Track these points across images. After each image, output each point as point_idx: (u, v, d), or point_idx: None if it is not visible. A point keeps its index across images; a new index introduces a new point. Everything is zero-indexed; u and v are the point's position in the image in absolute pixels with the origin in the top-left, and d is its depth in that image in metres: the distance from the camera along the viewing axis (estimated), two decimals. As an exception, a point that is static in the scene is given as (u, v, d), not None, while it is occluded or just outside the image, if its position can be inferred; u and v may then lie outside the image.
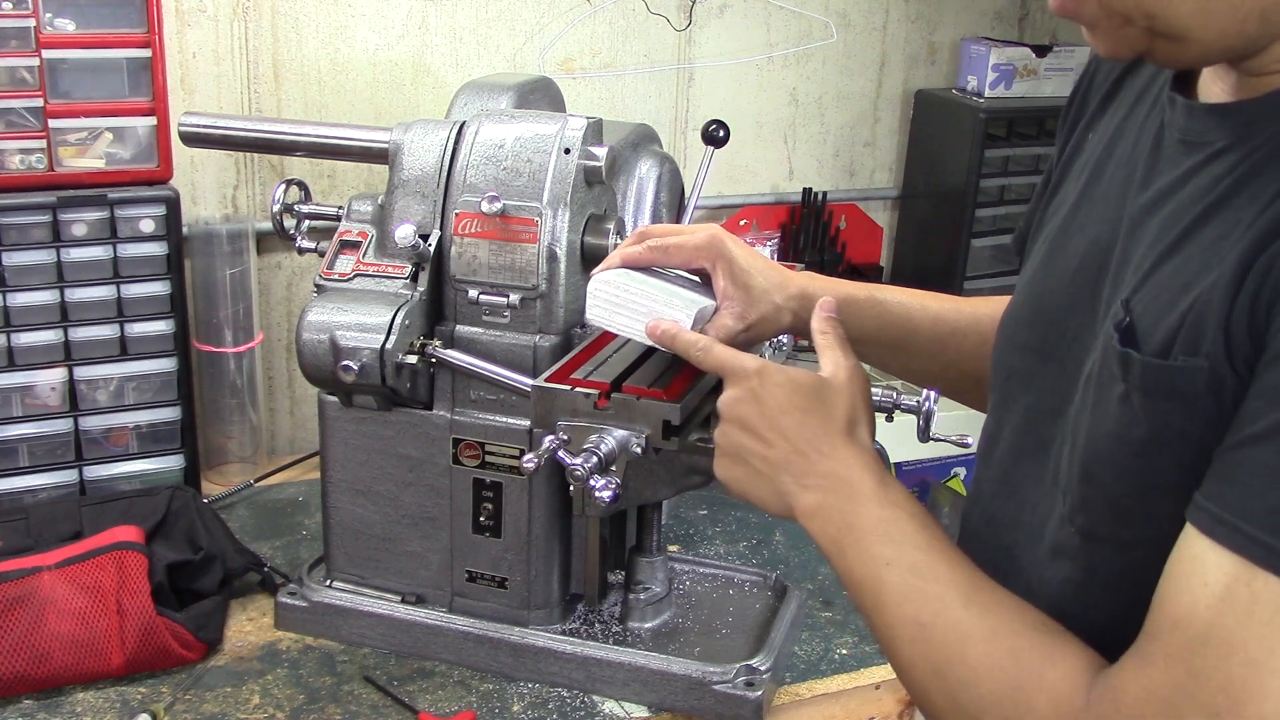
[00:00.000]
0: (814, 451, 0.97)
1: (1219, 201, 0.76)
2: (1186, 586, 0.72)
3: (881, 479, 0.95)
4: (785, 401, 0.99)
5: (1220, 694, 0.69)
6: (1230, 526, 0.69)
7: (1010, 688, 0.80)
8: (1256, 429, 0.70)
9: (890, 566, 0.89)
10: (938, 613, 0.85)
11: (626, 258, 1.22)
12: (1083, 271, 0.89)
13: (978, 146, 2.41)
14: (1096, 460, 0.81)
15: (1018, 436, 0.95)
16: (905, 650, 0.87)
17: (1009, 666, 0.81)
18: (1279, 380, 0.69)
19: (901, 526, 0.91)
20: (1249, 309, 0.71)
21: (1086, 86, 1.02)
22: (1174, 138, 0.84)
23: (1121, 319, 0.79)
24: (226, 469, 2.04)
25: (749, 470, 1.00)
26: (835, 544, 0.94)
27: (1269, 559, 0.68)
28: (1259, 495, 0.69)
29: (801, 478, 0.97)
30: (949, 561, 0.88)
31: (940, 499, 1.92)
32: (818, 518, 0.95)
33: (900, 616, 0.87)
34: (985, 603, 0.85)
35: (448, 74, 2.14)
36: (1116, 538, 0.78)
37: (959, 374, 1.23)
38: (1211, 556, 0.70)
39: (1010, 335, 0.99)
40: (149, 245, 1.80)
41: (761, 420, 0.99)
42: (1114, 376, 0.79)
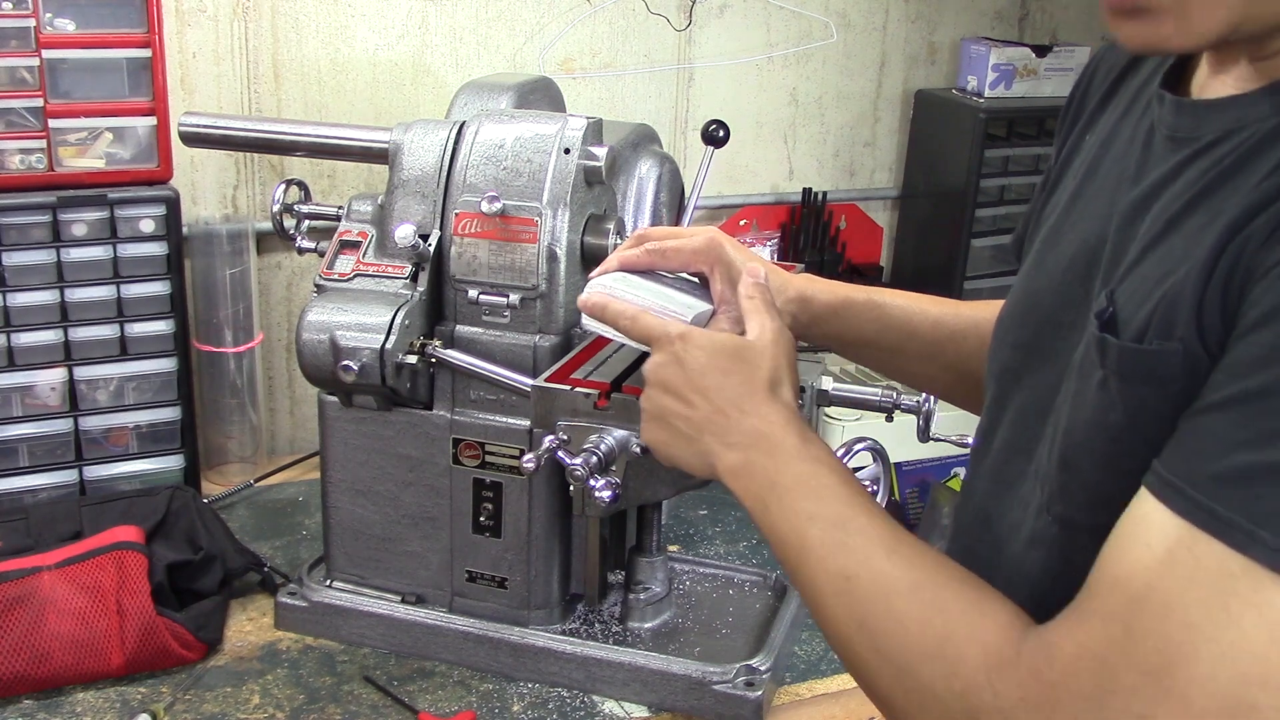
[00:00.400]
0: (735, 410, 0.98)
1: (1203, 193, 0.77)
2: (1130, 546, 0.72)
3: (803, 435, 0.95)
4: (706, 363, 1.00)
5: (1156, 654, 0.69)
6: (1176, 490, 0.70)
7: (938, 639, 0.80)
8: (1215, 398, 0.70)
9: (813, 520, 0.89)
10: (861, 564, 0.85)
11: (624, 261, 1.22)
12: (1074, 269, 0.90)
13: (978, 146, 2.41)
14: (1074, 447, 0.82)
15: (1010, 434, 0.95)
16: (830, 604, 0.87)
17: (935, 618, 0.81)
18: (1242, 354, 0.70)
19: (823, 480, 0.92)
20: (1222, 290, 0.72)
21: (1084, 88, 1.02)
22: (1163, 134, 0.84)
23: (1104, 308, 0.80)
24: (226, 469, 2.04)
25: (673, 432, 1.01)
26: (759, 501, 0.94)
27: (1212, 524, 0.68)
28: (1207, 461, 0.69)
29: (724, 436, 0.97)
30: (871, 515, 0.89)
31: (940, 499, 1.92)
32: (740, 476, 0.96)
33: (824, 569, 0.87)
34: (909, 555, 0.85)
35: (448, 74, 2.14)
36: (1094, 524, 0.78)
37: (957, 377, 1.23)
38: (1157, 518, 0.71)
39: (1004, 333, 0.99)
40: (149, 245, 1.80)
41: (684, 382, 1.00)
42: (1093, 364, 0.80)
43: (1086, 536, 0.79)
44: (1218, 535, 0.68)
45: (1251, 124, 0.77)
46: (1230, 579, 0.67)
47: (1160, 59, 0.92)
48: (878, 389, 1.51)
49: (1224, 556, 0.67)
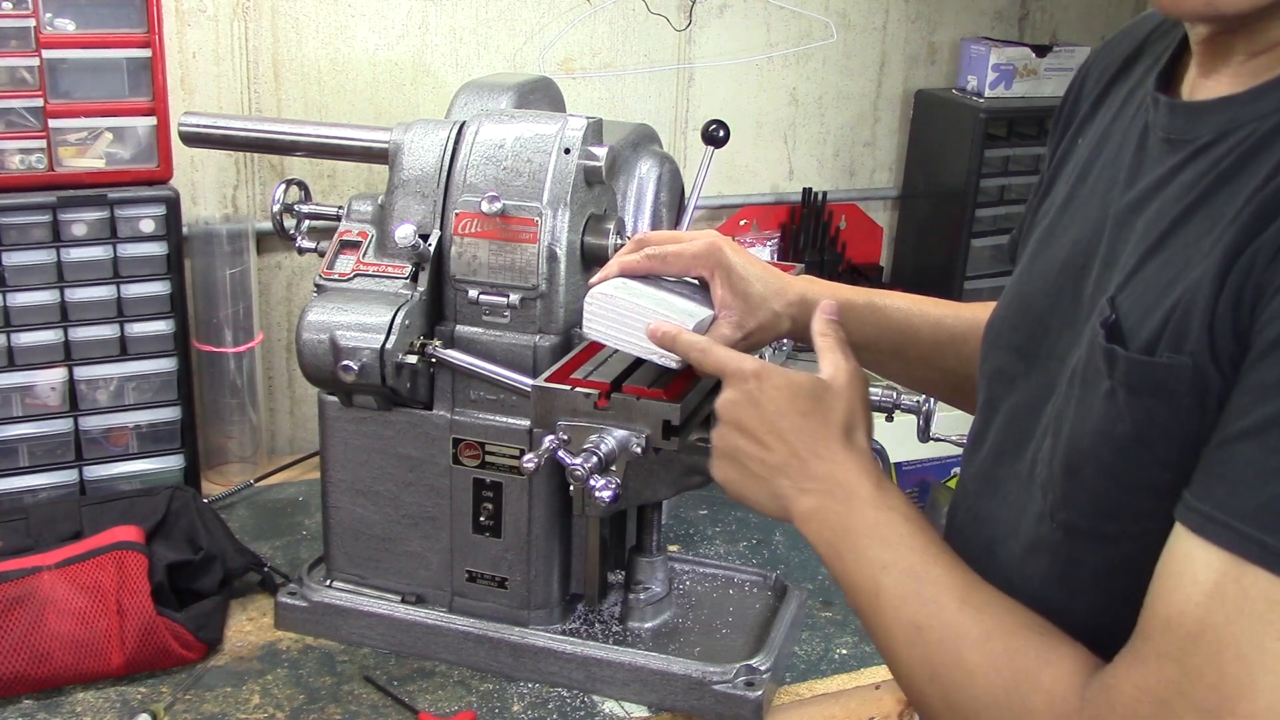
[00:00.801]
0: (811, 455, 0.97)
1: (1202, 198, 0.77)
2: (1177, 585, 0.72)
3: (878, 482, 0.95)
4: (784, 405, 0.99)
5: (1213, 691, 0.69)
6: (1219, 523, 0.70)
7: (1006, 689, 0.80)
8: (1244, 425, 0.70)
9: (886, 570, 0.89)
10: (933, 615, 0.85)
11: (624, 266, 1.22)
12: (1066, 271, 0.90)
13: (978, 146, 2.41)
14: (1080, 456, 0.82)
15: (1001, 435, 0.95)
16: (902, 653, 0.87)
17: (1004, 668, 0.81)
18: (1265, 376, 0.69)
19: (897, 530, 0.91)
20: (1232, 307, 0.72)
21: (1077, 92, 1.02)
22: (1158, 136, 0.84)
23: (1108, 316, 0.80)
24: (226, 469, 2.04)
25: (746, 473, 1.00)
26: (831, 548, 0.94)
27: (1260, 555, 0.68)
28: (1248, 491, 0.69)
29: (799, 481, 0.97)
30: (944, 564, 0.88)
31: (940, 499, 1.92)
32: (814, 521, 0.95)
33: (897, 619, 0.87)
34: (980, 604, 0.85)
35: (448, 74, 2.14)
36: (1099, 533, 0.78)
37: (958, 380, 1.23)
38: (1201, 554, 0.70)
39: (996, 336, 0.99)
40: (149, 245, 1.80)
41: (759, 423, 0.99)
42: (1099, 373, 0.79)
43: (1092, 543, 0.79)
44: (1265, 565, 0.67)
45: (1246, 124, 0.77)
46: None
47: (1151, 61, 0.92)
48: (878, 389, 1.51)
49: (1272, 586, 0.67)
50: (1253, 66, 0.78)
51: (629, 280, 1.21)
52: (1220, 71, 0.81)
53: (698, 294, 1.22)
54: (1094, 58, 1.02)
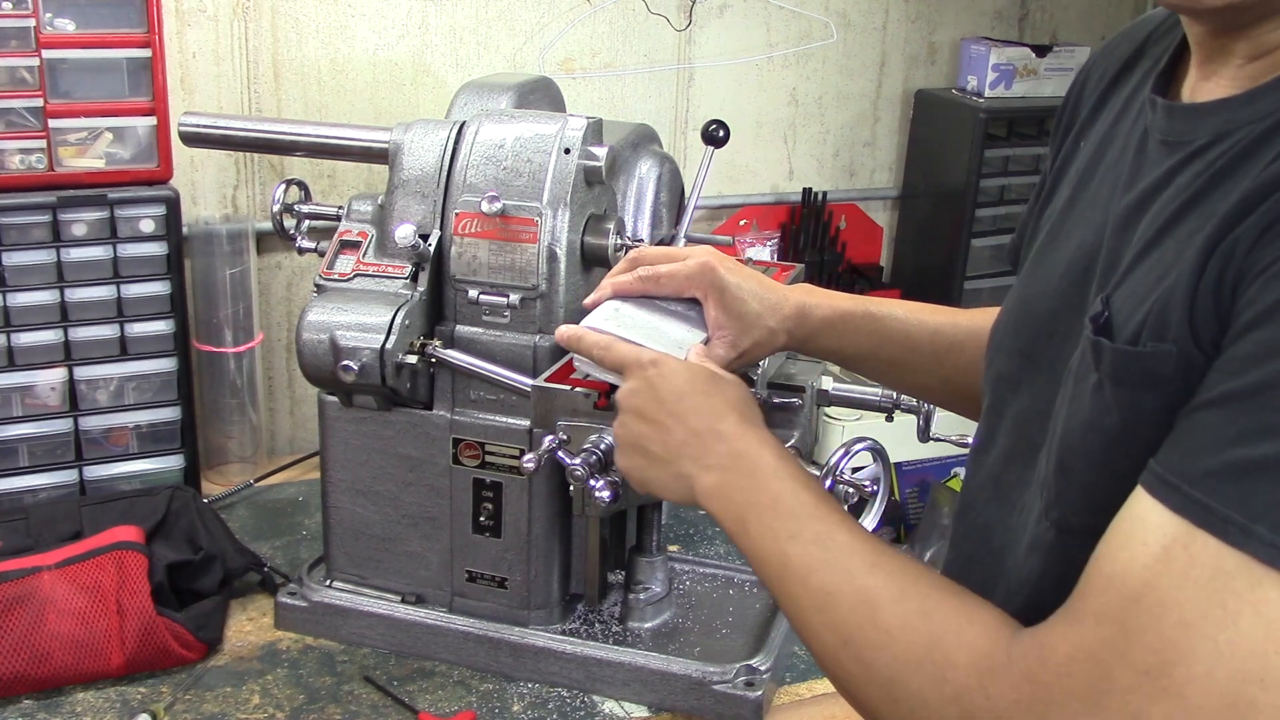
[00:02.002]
0: (711, 432, 0.99)
1: (1195, 197, 0.77)
2: (1125, 544, 0.72)
3: (779, 454, 0.96)
4: (682, 387, 1.01)
5: (1151, 654, 0.69)
6: (1172, 487, 0.69)
7: (926, 646, 0.80)
8: (1209, 395, 0.70)
9: (793, 539, 0.90)
10: (844, 580, 0.85)
11: (617, 288, 1.22)
12: (1069, 275, 0.90)
13: (978, 146, 2.41)
14: (1071, 451, 0.82)
15: (1008, 441, 0.95)
16: (814, 621, 0.87)
17: (921, 625, 0.81)
18: (1237, 351, 0.70)
19: (801, 499, 0.92)
20: (1214, 291, 0.72)
21: (1077, 95, 1.02)
22: (1156, 139, 0.84)
23: (1099, 312, 0.80)
24: (226, 469, 2.04)
25: (648, 457, 1.02)
26: (737, 521, 0.95)
27: (1208, 521, 0.67)
28: (1203, 457, 0.69)
29: (701, 458, 0.98)
30: (850, 531, 0.89)
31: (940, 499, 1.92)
32: (718, 496, 0.97)
33: (806, 587, 0.87)
34: (890, 568, 0.85)
35: (448, 74, 2.14)
36: (1091, 529, 0.78)
37: (957, 389, 1.23)
38: (1153, 516, 0.70)
39: (1000, 341, 0.99)
40: (149, 245, 1.80)
41: (659, 407, 1.01)
42: (1088, 367, 0.79)
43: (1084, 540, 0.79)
44: (1213, 532, 0.67)
45: (1242, 126, 0.77)
46: (1226, 576, 0.67)
47: (1151, 64, 0.92)
48: (878, 389, 1.51)
49: (1220, 553, 0.67)
50: (1251, 70, 0.78)
51: (621, 304, 1.21)
52: (1219, 74, 0.81)
53: (693, 312, 1.22)
54: (1094, 60, 1.02)
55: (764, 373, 1.41)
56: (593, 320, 1.19)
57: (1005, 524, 0.93)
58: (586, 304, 1.24)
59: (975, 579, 0.95)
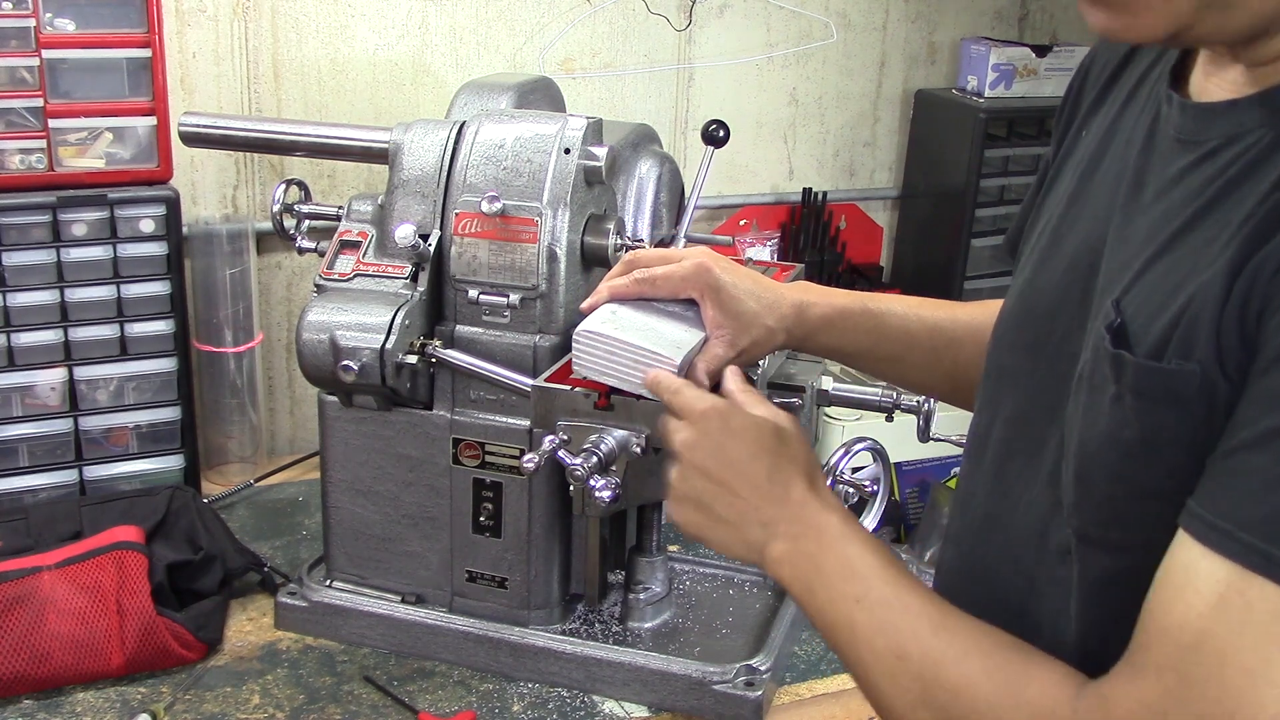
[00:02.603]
0: (782, 499, 0.98)
1: (1210, 203, 0.76)
2: (1179, 595, 0.71)
3: (844, 517, 0.96)
4: (751, 448, 0.99)
5: (1215, 704, 0.68)
6: (1224, 533, 0.69)
7: (990, 704, 0.80)
8: (1250, 434, 0.69)
9: (860, 603, 0.89)
10: (910, 641, 0.86)
11: (614, 291, 1.22)
12: (1074, 269, 0.89)
13: (978, 146, 2.41)
14: (1088, 462, 0.81)
15: (1008, 435, 0.95)
16: (884, 685, 0.87)
17: (984, 684, 0.81)
18: (1273, 385, 0.69)
19: (868, 563, 0.92)
20: (1239, 315, 0.71)
21: (1080, 85, 1.01)
22: (1169, 135, 0.83)
23: (1113, 320, 0.79)
24: (226, 469, 2.04)
25: (712, 518, 1.00)
26: (805, 587, 0.94)
27: (1265, 566, 0.67)
28: (1254, 501, 0.68)
29: (771, 526, 0.97)
30: (916, 593, 0.89)
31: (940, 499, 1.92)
32: (786, 564, 0.96)
33: (873, 650, 0.87)
34: (954, 627, 0.86)
35: (448, 74, 2.14)
36: (1106, 540, 0.78)
37: (958, 383, 1.23)
38: (1205, 564, 0.69)
39: (1002, 334, 0.99)
40: (149, 245, 1.80)
41: (726, 467, 0.99)
42: (1106, 378, 0.79)
43: (1099, 551, 0.79)
44: (1269, 576, 0.67)
45: (1252, 130, 0.76)
46: None
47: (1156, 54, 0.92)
48: (878, 389, 1.51)
49: (1276, 597, 0.66)
50: (1259, 72, 0.78)
51: (619, 307, 1.21)
52: (1225, 72, 0.80)
53: (690, 312, 1.22)
54: (1097, 50, 1.01)
55: (764, 372, 1.41)
56: (590, 324, 1.19)
57: (1006, 519, 0.93)
58: (583, 308, 1.24)
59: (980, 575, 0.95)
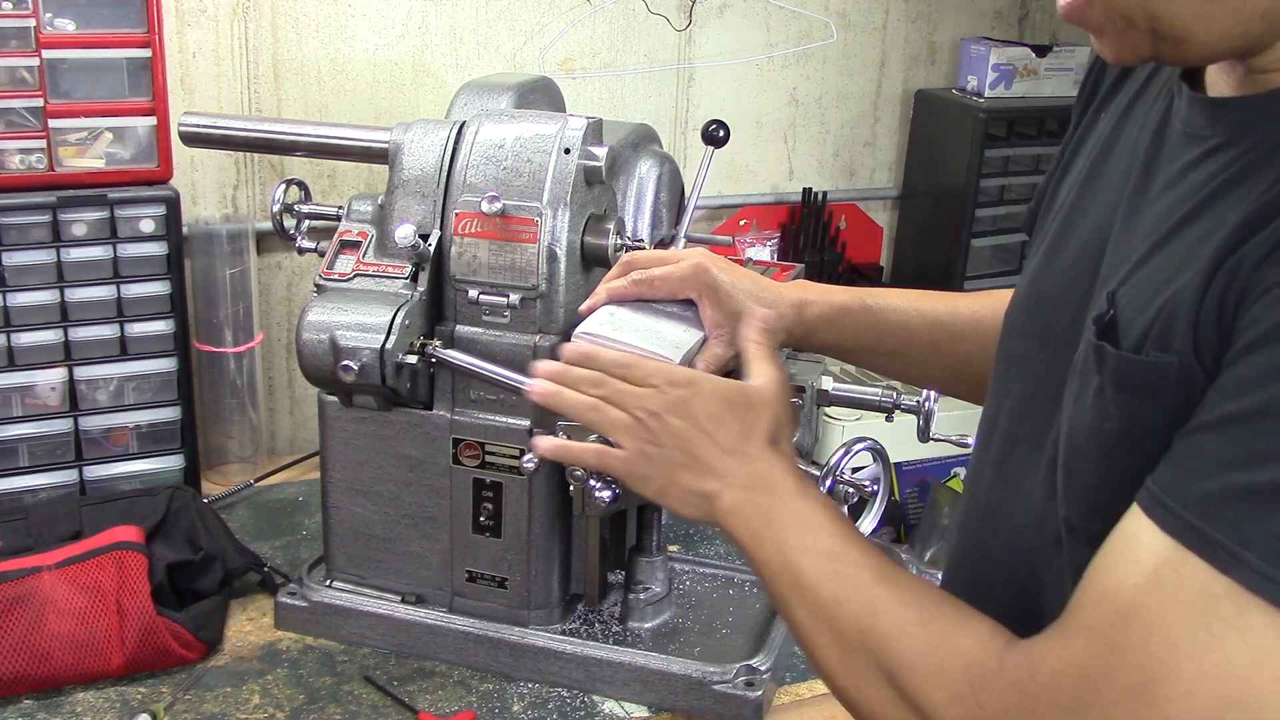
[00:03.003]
0: (740, 454, 1.00)
1: (1209, 199, 0.77)
2: (1118, 563, 0.73)
3: (800, 477, 0.99)
4: (717, 409, 1.02)
5: (1137, 671, 0.70)
6: (1167, 509, 0.70)
7: (923, 652, 0.82)
8: (1207, 417, 0.71)
9: (806, 552, 0.92)
10: (851, 590, 0.88)
11: (612, 293, 1.22)
12: (1081, 259, 0.90)
13: (978, 146, 2.41)
14: (1073, 453, 0.82)
15: (1012, 423, 0.95)
16: (820, 628, 0.89)
17: (918, 632, 0.83)
18: (1237, 373, 0.70)
19: (819, 517, 0.95)
20: (1217, 306, 0.72)
21: (1101, 66, 1.01)
22: (1178, 128, 0.84)
23: (1104, 312, 0.80)
24: (226, 469, 2.04)
25: (667, 471, 1.02)
26: (754, 537, 0.97)
27: (1199, 544, 0.68)
28: (1199, 481, 0.69)
29: (727, 477, 1.00)
30: (861, 547, 0.92)
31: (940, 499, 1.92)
32: (738, 514, 0.98)
33: (816, 597, 0.90)
34: (895, 579, 0.88)
35: (448, 74, 2.14)
36: (1090, 531, 0.79)
37: (959, 377, 1.23)
38: (1146, 536, 0.71)
39: (1012, 321, 0.99)
40: (149, 245, 1.80)
41: (692, 426, 1.01)
42: (1091, 369, 0.80)
43: (1083, 542, 0.79)
44: (1204, 555, 0.68)
45: (1257, 130, 0.76)
46: (1214, 600, 0.68)
47: None
48: (878, 389, 1.51)
49: (1208, 577, 0.68)
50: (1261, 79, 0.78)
51: (617, 308, 1.21)
52: (1234, 70, 0.80)
53: (689, 313, 1.21)
54: None
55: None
56: (589, 326, 1.19)
57: (1008, 506, 0.94)
58: (582, 310, 1.24)
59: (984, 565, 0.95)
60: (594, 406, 1.05)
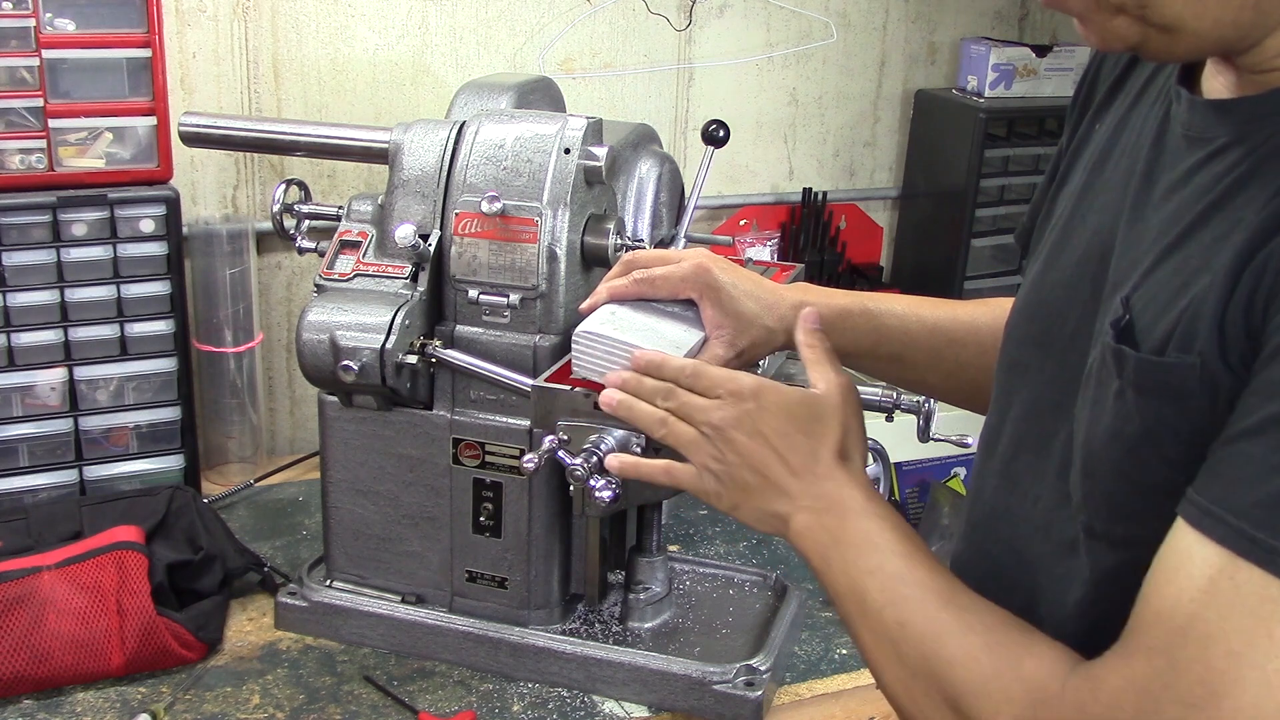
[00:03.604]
0: (809, 474, 0.99)
1: (1219, 201, 0.76)
2: (1171, 579, 0.72)
3: (868, 494, 0.98)
4: (783, 425, 1.00)
5: (1199, 685, 0.69)
6: (1216, 519, 0.70)
7: (986, 677, 0.82)
8: (1248, 423, 0.70)
9: (872, 575, 0.92)
10: (915, 613, 0.88)
11: (613, 292, 1.22)
12: (1083, 265, 0.90)
13: (978, 146, 2.41)
14: (1093, 457, 0.82)
15: (1018, 429, 0.95)
16: (886, 651, 0.89)
17: (983, 657, 0.83)
18: (1275, 375, 0.69)
19: (886, 537, 0.94)
20: (1245, 307, 0.72)
21: (1094, 76, 1.01)
22: (1178, 132, 0.84)
23: (1120, 316, 0.80)
24: (226, 469, 2.04)
25: (739, 490, 1.02)
26: (823, 559, 0.96)
27: (1253, 551, 0.68)
28: (1246, 488, 0.69)
29: (797, 500, 0.99)
30: (928, 568, 0.91)
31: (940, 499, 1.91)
32: (807, 536, 0.98)
33: (881, 620, 0.90)
34: (961, 603, 0.87)
35: (448, 74, 2.14)
36: (1111, 535, 0.78)
37: (958, 383, 1.23)
38: (1198, 549, 0.71)
39: (1014, 328, 0.99)
40: (149, 245, 1.80)
41: (759, 444, 1.00)
42: (1110, 374, 0.79)
43: (1105, 545, 0.79)
44: (1258, 561, 0.67)
45: (1262, 129, 0.76)
46: (1272, 605, 0.67)
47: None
48: (878, 389, 1.50)
49: (1265, 582, 0.67)
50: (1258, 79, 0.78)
51: (618, 307, 1.21)
52: (1237, 69, 0.80)
53: (690, 312, 1.21)
54: None
55: (764, 372, 1.41)
56: (589, 324, 1.19)
57: (1015, 513, 0.94)
58: (582, 309, 1.24)
59: (989, 571, 0.95)
60: (663, 421, 1.04)
